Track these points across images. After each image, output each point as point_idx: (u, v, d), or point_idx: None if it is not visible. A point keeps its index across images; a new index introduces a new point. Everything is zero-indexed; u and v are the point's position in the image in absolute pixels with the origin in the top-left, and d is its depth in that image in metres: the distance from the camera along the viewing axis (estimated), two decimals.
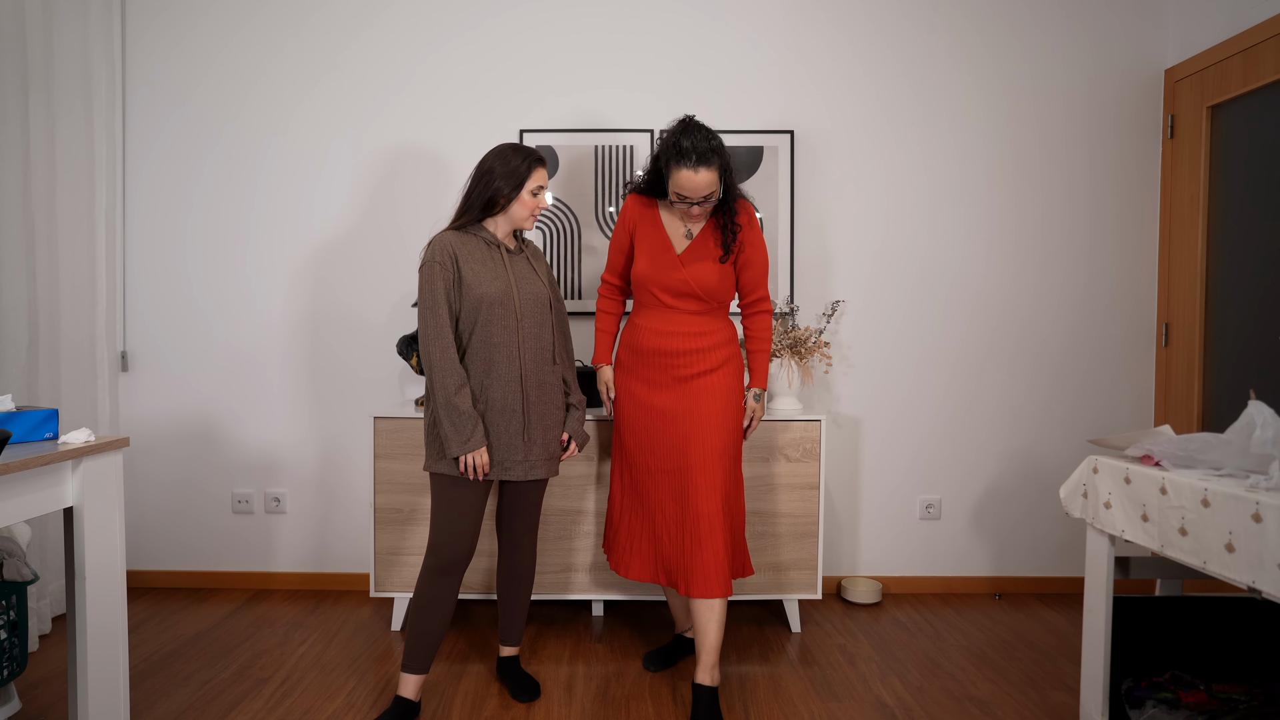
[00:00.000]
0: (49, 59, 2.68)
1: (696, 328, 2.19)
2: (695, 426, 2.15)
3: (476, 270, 2.03)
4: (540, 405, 2.10)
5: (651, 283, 2.19)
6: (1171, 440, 1.73)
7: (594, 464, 2.67)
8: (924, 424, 3.11)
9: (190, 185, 3.08)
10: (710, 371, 2.18)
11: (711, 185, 2.06)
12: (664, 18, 3.05)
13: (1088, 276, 3.09)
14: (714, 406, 2.17)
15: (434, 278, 2.00)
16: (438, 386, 1.98)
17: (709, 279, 2.16)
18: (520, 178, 2.05)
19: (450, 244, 2.04)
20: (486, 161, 2.08)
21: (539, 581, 2.69)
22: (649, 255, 2.20)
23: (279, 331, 3.09)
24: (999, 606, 2.99)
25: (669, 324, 2.19)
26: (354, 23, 3.05)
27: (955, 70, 3.06)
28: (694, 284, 2.16)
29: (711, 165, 2.04)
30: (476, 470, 1.99)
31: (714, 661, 2.12)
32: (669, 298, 2.19)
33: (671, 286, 2.17)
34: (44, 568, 2.68)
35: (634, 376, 2.24)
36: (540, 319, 2.10)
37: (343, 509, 3.12)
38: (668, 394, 2.19)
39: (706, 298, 2.18)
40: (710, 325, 2.20)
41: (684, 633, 2.50)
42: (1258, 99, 2.64)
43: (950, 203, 3.08)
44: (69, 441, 1.74)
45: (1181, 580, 2.08)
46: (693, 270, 2.16)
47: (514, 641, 2.31)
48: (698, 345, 2.17)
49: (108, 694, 1.80)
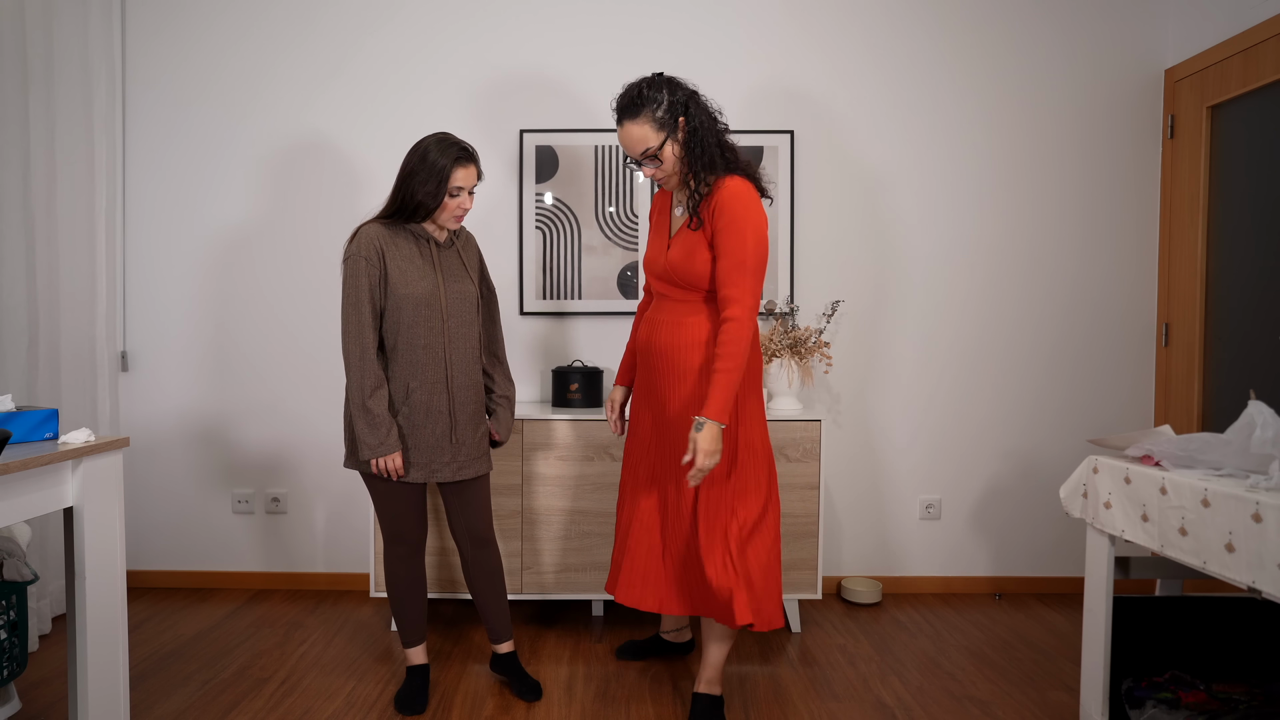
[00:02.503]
0: (49, 59, 2.68)
1: (675, 316, 2.00)
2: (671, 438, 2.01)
3: (403, 268, 1.99)
4: (467, 406, 2.10)
5: (646, 268, 2.09)
6: (1171, 440, 1.73)
7: (594, 464, 2.67)
8: (924, 424, 3.11)
9: (190, 185, 3.08)
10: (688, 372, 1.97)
11: (644, 141, 1.90)
12: (664, 18, 3.05)
13: (1088, 276, 3.09)
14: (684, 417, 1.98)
15: (358, 273, 1.95)
16: (354, 388, 1.96)
17: (675, 258, 1.96)
18: (442, 176, 1.96)
19: (377, 238, 1.98)
20: (410, 160, 1.99)
21: (539, 581, 2.69)
22: (651, 240, 2.10)
23: (279, 332, 3.09)
24: (999, 606, 2.99)
25: (656, 312, 2.06)
26: (357, 26, 3.05)
27: (955, 71, 3.06)
28: (669, 266, 1.97)
29: (635, 117, 1.89)
30: (390, 474, 1.99)
31: (711, 676, 2.10)
32: (657, 283, 2.06)
33: (656, 270, 2.03)
34: (44, 568, 2.68)
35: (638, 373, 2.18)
36: (467, 318, 2.09)
37: (343, 509, 3.12)
38: (653, 398, 2.07)
39: (681, 283, 1.96)
40: (691, 318, 1.98)
41: (664, 634, 2.49)
42: (1257, 99, 2.64)
43: (950, 203, 3.08)
44: (69, 441, 1.74)
45: (1181, 580, 2.08)
46: (673, 251, 1.98)
47: (506, 637, 2.28)
48: (676, 340, 1.98)
49: (108, 694, 1.80)
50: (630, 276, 3.06)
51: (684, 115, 1.92)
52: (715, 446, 1.83)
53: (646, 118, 1.90)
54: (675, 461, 2.01)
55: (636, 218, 3.06)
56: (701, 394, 1.93)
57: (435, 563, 2.69)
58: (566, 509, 2.68)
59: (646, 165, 1.95)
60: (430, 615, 2.85)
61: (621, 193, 3.05)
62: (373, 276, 1.97)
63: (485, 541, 2.21)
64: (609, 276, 3.07)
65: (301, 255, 3.08)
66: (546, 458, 2.68)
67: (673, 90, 1.92)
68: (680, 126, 1.92)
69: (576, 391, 2.86)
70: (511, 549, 2.68)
